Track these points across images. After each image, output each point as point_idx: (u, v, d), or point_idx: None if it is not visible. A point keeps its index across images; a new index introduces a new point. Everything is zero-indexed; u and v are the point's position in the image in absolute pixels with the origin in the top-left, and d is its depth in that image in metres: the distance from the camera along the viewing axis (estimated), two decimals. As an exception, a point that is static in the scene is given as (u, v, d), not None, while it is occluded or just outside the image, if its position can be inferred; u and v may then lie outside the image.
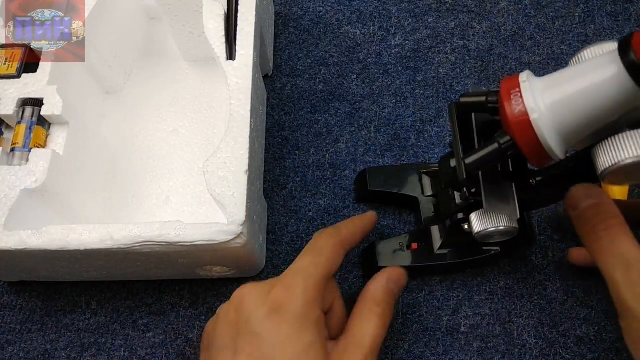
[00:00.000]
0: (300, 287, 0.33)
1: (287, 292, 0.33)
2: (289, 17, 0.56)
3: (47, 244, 0.37)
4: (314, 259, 0.35)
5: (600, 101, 0.27)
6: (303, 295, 0.33)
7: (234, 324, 0.34)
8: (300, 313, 0.33)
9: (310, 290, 0.34)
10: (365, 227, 0.41)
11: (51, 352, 0.44)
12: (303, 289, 0.33)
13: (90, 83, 0.49)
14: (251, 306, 0.33)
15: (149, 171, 0.49)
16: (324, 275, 0.35)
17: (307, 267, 0.35)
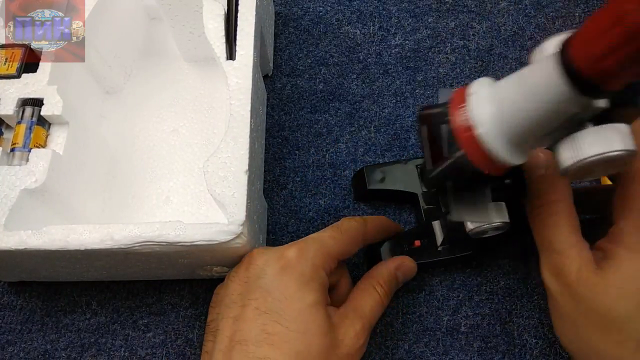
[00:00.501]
0: (312, 252, 0.36)
1: (299, 254, 0.35)
2: (289, 17, 0.56)
3: (47, 244, 0.37)
4: (334, 234, 0.37)
5: (543, 107, 0.26)
6: (313, 259, 0.35)
7: (244, 281, 0.36)
8: (307, 274, 0.35)
9: (320, 258, 0.36)
10: (389, 230, 0.43)
11: (51, 352, 0.44)
12: (314, 254, 0.35)
13: (90, 83, 0.49)
14: (262, 263, 0.36)
15: (149, 171, 0.49)
16: (338, 251, 0.37)
17: (325, 238, 0.37)
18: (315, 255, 0.36)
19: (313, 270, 0.35)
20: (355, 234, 0.39)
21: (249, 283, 0.35)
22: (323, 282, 0.36)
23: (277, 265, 0.35)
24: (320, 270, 0.36)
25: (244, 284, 0.36)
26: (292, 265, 0.35)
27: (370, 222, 0.40)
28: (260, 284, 0.35)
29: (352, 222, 0.39)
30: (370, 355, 0.42)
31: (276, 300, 0.34)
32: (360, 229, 0.39)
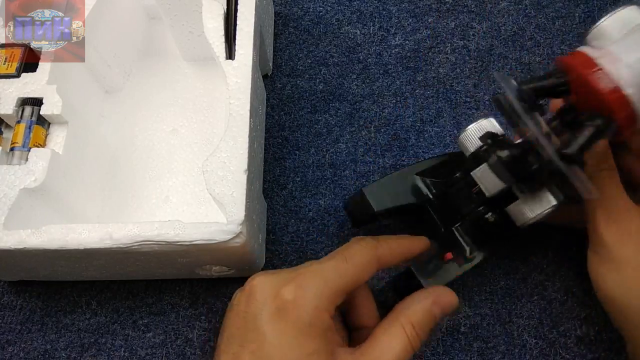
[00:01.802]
0: (313, 291, 0.31)
1: (298, 293, 0.31)
2: (289, 17, 0.56)
3: (47, 243, 0.37)
4: (338, 265, 0.33)
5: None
6: (314, 300, 0.31)
7: (243, 316, 0.32)
8: (307, 319, 0.31)
9: (324, 298, 0.31)
10: (411, 250, 0.37)
11: (51, 352, 0.44)
12: (315, 294, 0.31)
13: (90, 83, 0.49)
14: (260, 300, 0.32)
15: (149, 171, 0.49)
16: (344, 286, 0.32)
17: (328, 271, 0.32)
18: (316, 295, 0.31)
19: (313, 315, 0.31)
20: (366, 261, 0.33)
21: (247, 320, 0.32)
22: (326, 326, 0.31)
23: (273, 305, 0.31)
24: (323, 313, 0.31)
25: (243, 319, 0.32)
26: (289, 309, 0.31)
27: (385, 243, 0.35)
28: (257, 325, 0.31)
29: (362, 246, 0.34)
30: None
31: (272, 347, 0.30)
32: (370, 253, 0.34)
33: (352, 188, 0.48)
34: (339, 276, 0.32)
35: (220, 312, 0.44)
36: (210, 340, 0.44)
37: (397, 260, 0.36)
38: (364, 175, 0.49)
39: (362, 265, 0.33)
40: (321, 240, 0.46)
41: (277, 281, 0.32)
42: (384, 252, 0.34)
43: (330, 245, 0.46)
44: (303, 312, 0.31)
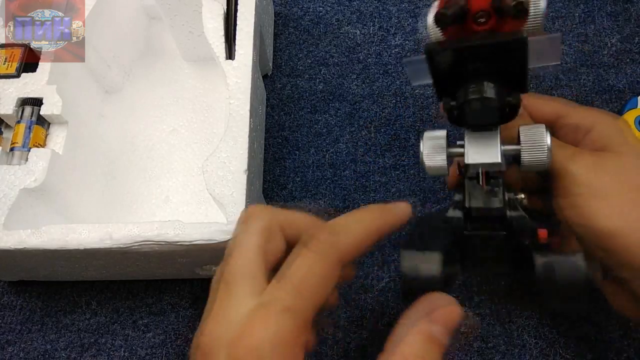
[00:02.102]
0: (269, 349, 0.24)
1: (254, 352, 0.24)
2: (289, 17, 0.56)
3: (47, 243, 0.37)
4: (292, 300, 0.25)
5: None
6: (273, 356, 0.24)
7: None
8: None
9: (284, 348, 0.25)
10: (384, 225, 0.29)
11: (51, 352, 0.44)
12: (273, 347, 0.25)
13: (90, 83, 0.49)
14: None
15: (148, 171, 0.49)
16: (305, 318, 0.26)
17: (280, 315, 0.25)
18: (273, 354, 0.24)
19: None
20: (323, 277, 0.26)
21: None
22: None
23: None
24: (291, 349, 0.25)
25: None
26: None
27: (345, 235, 0.28)
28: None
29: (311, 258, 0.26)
30: (370, 355, 0.42)
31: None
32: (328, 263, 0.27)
33: (352, 188, 0.48)
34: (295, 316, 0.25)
35: (220, 312, 0.44)
36: (210, 340, 0.44)
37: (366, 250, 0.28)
38: (364, 175, 0.49)
39: (320, 286, 0.26)
40: (321, 240, 0.46)
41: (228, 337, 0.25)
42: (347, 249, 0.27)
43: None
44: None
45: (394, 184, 0.48)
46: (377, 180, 0.48)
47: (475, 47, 0.28)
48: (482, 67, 0.29)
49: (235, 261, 0.27)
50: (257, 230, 0.28)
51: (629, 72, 0.50)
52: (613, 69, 0.51)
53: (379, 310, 0.43)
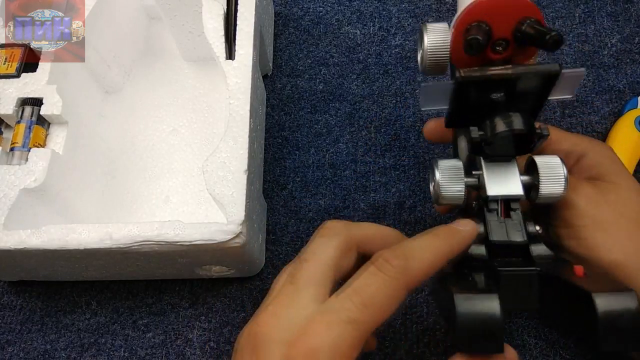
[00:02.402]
0: (327, 353, 0.26)
1: (311, 354, 0.26)
2: (289, 17, 0.56)
3: (47, 243, 0.37)
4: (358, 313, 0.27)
5: None
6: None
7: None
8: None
9: (340, 357, 0.26)
10: (453, 250, 0.30)
11: (51, 352, 0.44)
12: (331, 353, 0.26)
13: (90, 83, 0.49)
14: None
15: (149, 171, 0.49)
16: (365, 333, 0.27)
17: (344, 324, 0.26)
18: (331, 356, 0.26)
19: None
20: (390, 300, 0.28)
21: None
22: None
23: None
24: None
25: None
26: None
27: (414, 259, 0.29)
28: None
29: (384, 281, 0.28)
30: (370, 355, 0.42)
31: None
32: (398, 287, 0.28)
33: (352, 188, 0.48)
34: (357, 328, 0.27)
35: (220, 312, 0.44)
36: (210, 340, 0.44)
37: (432, 273, 0.29)
38: (364, 175, 0.49)
39: (386, 305, 0.28)
40: (321, 241, 0.46)
41: (284, 334, 0.27)
42: (416, 275, 0.28)
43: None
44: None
45: (394, 184, 0.48)
46: (377, 180, 0.48)
47: (513, 77, 0.29)
48: (507, 96, 0.30)
49: (309, 267, 0.29)
50: (335, 245, 0.30)
51: (629, 72, 0.50)
52: (613, 69, 0.51)
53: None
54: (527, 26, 0.28)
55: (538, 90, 0.30)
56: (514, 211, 0.32)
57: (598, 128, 0.48)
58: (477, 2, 0.29)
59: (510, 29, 0.29)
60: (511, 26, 0.29)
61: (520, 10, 0.29)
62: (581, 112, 0.49)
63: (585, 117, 0.49)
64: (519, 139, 0.30)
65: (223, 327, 0.44)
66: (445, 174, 0.33)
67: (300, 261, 0.30)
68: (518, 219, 0.32)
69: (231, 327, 0.44)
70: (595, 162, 0.36)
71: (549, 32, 0.27)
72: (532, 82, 0.29)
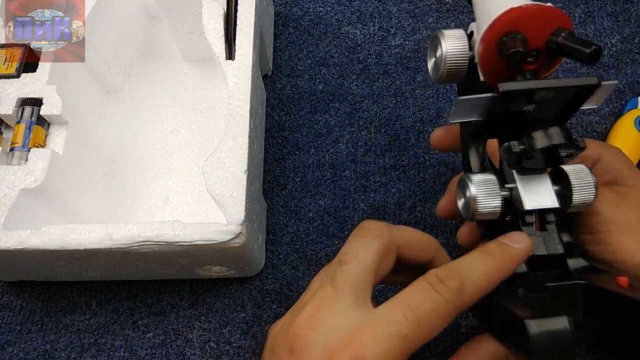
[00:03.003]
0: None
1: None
2: (289, 17, 0.56)
3: (46, 243, 0.37)
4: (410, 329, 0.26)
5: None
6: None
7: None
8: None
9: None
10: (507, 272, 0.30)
11: (51, 352, 0.44)
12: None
13: (90, 83, 0.49)
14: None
15: (148, 171, 0.49)
16: (413, 349, 0.27)
17: (394, 338, 0.26)
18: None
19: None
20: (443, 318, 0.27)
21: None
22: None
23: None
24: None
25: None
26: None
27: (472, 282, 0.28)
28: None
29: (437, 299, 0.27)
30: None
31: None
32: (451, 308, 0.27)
33: (352, 188, 0.48)
34: (407, 344, 0.26)
35: (220, 312, 0.44)
36: (210, 340, 0.44)
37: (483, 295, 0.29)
38: (364, 175, 0.49)
39: (438, 326, 0.27)
40: (321, 241, 0.46)
41: (326, 340, 0.27)
42: (470, 299, 0.28)
43: (330, 245, 0.46)
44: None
45: (394, 184, 0.48)
46: (377, 180, 0.48)
47: (556, 90, 0.28)
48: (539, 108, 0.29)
49: (350, 270, 0.29)
50: (376, 248, 0.29)
51: (629, 72, 0.50)
52: (613, 69, 0.51)
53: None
54: (562, 38, 0.28)
55: (572, 101, 0.29)
56: (549, 224, 0.32)
57: (598, 128, 0.48)
58: (510, 12, 0.28)
59: (544, 39, 0.28)
60: (544, 37, 0.28)
61: (553, 21, 0.28)
62: (581, 112, 0.49)
63: (585, 117, 0.49)
64: (556, 151, 0.30)
65: (223, 327, 0.44)
66: (482, 189, 0.31)
67: (340, 263, 0.29)
68: (554, 231, 0.31)
69: (231, 327, 0.44)
70: (611, 167, 0.36)
71: (590, 44, 0.26)
72: (568, 94, 0.29)
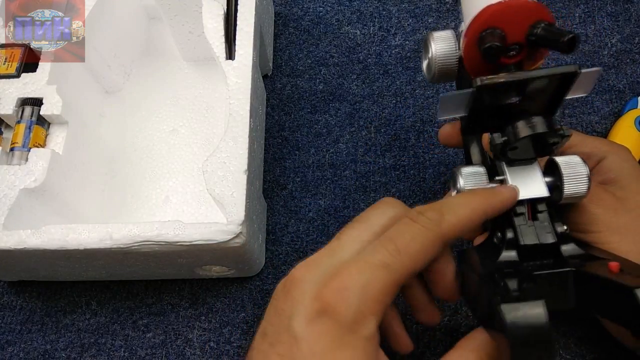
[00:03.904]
0: (358, 293, 0.27)
1: (340, 296, 0.27)
2: (289, 17, 0.56)
3: (47, 243, 0.37)
4: (387, 258, 0.28)
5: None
6: (357, 304, 0.27)
7: (279, 313, 0.29)
8: (347, 325, 0.27)
9: (369, 301, 0.27)
10: (490, 210, 0.31)
11: (51, 352, 0.44)
12: (360, 296, 0.27)
13: (90, 83, 0.49)
14: (298, 299, 0.28)
15: (149, 171, 0.49)
16: (396, 281, 0.28)
17: (376, 269, 0.28)
18: (363, 298, 0.27)
19: (357, 320, 0.27)
20: (425, 247, 0.29)
21: (281, 318, 0.29)
22: (369, 334, 0.27)
23: (310, 307, 0.27)
24: (367, 318, 0.27)
25: (278, 316, 0.29)
26: (329, 311, 0.27)
27: (452, 215, 0.29)
28: (291, 326, 0.28)
29: (419, 230, 0.29)
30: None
31: (302, 353, 0.27)
32: (432, 237, 0.29)
33: (352, 188, 0.48)
34: (389, 273, 0.28)
35: (220, 312, 0.44)
36: (210, 340, 0.44)
37: (470, 230, 0.30)
38: (364, 175, 0.49)
39: (420, 254, 0.28)
40: (321, 241, 0.46)
41: (318, 277, 0.28)
42: (450, 228, 0.29)
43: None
44: (345, 317, 0.27)
45: (394, 184, 0.48)
46: (377, 180, 0.48)
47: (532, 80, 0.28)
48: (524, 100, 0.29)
49: (356, 227, 0.31)
50: (388, 215, 0.31)
51: (629, 72, 0.50)
52: (613, 69, 0.51)
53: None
54: (541, 29, 0.28)
55: (555, 91, 0.30)
56: (541, 213, 0.32)
57: (598, 128, 0.48)
58: (489, 9, 0.29)
59: (524, 33, 0.29)
60: (524, 30, 0.29)
61: (532, 14, 0.29)
62: (581, 112, 0.49)
63: (585, 117, 0.49)
64: (541, 141, 0.30)
65: (223, 327, 0.44)
66: (470, 181, 0.32)
67: (348, 224, 0.31)
68: (546, 220, 0.32)
69: (231, 327, 0.44)
70: (615, 166, 0.36)
71: (565, 33, 0.27)
72: (550, 84, 0.29)
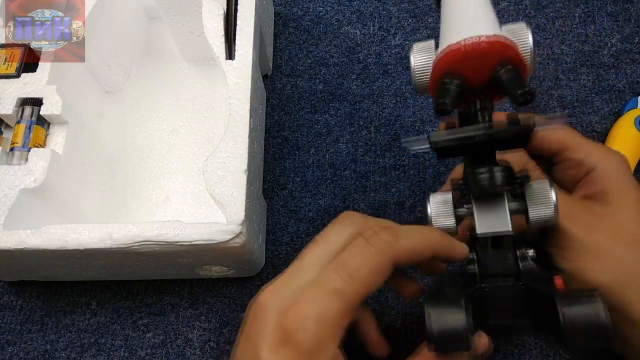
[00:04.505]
0: (314, 321, 0.28)
1: (299, 325, 0.28)
2: (289, 17, 0.56)
3: (47, 243, 0.37)
4: (343, 284, 0.29)
5: None
6: (315, 332, 0.28)
7: (247, 338, 0.30)
8: (307, 353, 0.28)
9: (327, 327, 0.28)
10: (440, 252, 0.32)
11: (51, 352, 0.44)
12: (317, 325, 0.28)
13: (90, 83, 0.49)
14: (262, 326, 0.29)
15: (148, 171, 0.49)
16: (352, 303, 0.29)
17: (331, 295, 0.29)
18: (317, 323, 0.28)
19: (314, 348, 0.28)
20: (376, 271, 0.30)
21: (249, 343, 0.30)
22: (330, 356, 0.29)
23: (274, 334, 0.28)
24: (326, 342, 0.29)
25: (246, 341, 0.30)
26: (290, 337, 0.28)
27: (405, 239, 0.31)
28: (257, 353, 0.28)
29: (371, 253, 0.30)
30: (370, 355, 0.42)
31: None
32: (383, 260, 0.30)
33: (352, 188, 0.48)
34: (342, 299, 0.29)
35: (220, 312, 0.44)
36: (210, 340, 0.44)
37: (419, 259, 0.31)
38: (364, 175, 0.49)
39: (371, 277, 0.30)
40: (321, 240, 0.46)
41: (280, 303, 0.29)
42: (403, 252, 0.30)
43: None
44: (303, 346, 0.28)
45: (394, 184, 0.48)
46: (377, 180, 0.48)
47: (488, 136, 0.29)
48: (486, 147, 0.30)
49: (316, 248, 0.31)
50: (348, 232, 0.31)
51: (629, 72, 0.50)
52: (613, 69, 0.51)
53: (378, 310, 0.43)
54: (502, 73, 0.27)
55: (519, 140, 0.30)
56: (506, 242, 0.32)
57: (598, 128, 0.48)
58: (449, 53, 0.28)
59: (487, 74, 0.28)
60: (488, 71, 0.28)
61: (495, 56, 0.27)
62: (581, 112, 0.49)
63: (585, 117, 0.49)
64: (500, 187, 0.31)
65: (223, 327, 0.44)
66: (437, 209, 0.34)
67: (310, 243, 0.32)
68: (508, 248, 0.32)
69: (231, 327, 0.44)
70: (602, 177, 0.36)
71: (522, 86, 0.26)
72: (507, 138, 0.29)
